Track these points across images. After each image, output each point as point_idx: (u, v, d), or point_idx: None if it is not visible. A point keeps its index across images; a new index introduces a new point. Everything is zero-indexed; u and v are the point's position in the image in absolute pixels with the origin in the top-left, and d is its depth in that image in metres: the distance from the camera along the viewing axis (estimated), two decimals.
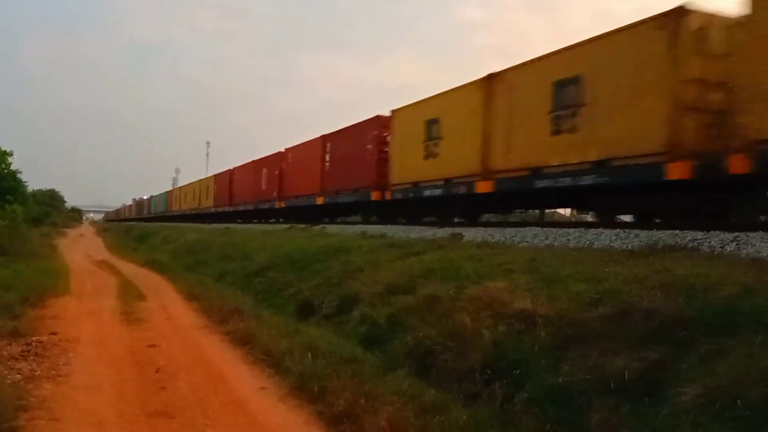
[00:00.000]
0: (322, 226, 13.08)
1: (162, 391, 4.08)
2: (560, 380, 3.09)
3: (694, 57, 6.05)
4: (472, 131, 9.15)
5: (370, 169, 12.24)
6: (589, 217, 9.77)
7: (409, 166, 10.93)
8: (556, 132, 7.53)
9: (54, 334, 5.72)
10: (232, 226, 19.28)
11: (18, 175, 21.86)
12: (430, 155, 10.31)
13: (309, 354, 4.42)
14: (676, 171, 5.97)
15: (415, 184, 10.73)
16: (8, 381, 4.05)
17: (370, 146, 12.50)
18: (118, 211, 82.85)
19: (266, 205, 18.91)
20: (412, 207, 11.41)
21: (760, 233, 4.96)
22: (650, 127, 6.29)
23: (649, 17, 6.43)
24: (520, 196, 8.82)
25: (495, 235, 7.60)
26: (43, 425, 3.39)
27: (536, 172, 7.90)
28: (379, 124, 12.32)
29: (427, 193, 10.33)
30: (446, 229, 9.07)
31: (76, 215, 73.28)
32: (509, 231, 7.73)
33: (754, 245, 4.70)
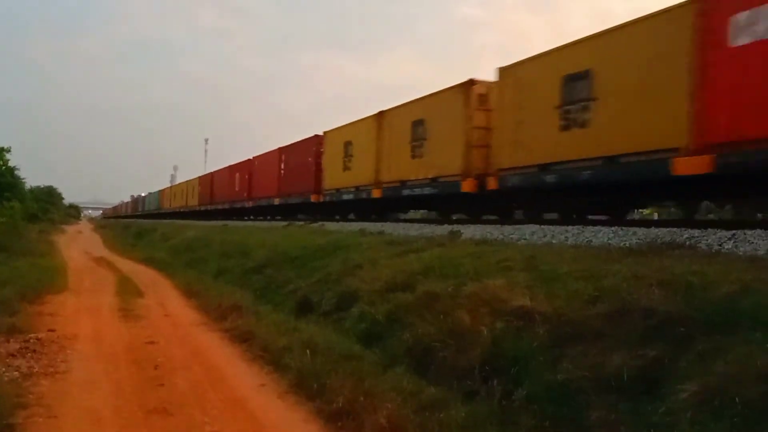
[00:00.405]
0: (320, 223, 13.39)
1: (160, 388, 4.07)
2: (559, 378, 3.08)
3: (478, 112, 9.30)
4: (370, 152, 12.37)
5: (310, 177, 15.33)
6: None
7: (334, 175, 14.12)
8: (413, 156, 10.90)
9: (52, 330, 5.71)
10: (229, 223, 19.82)
11: (16, 172, 21.82)
12: (346, 168, 13.55)
13: (308, 351, 4.41)
14: (467, 186, 9.29)
15: (338, 190, 13.90)
16: (6, 378, 4.05)
17: (310, 159, 15.58)
18: (115, 208, 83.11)
19: (239, 205, 21.87)
20: (337, 207, 14.58)
21: (758, 231, 4.98)
22: (456, 157, 9.53)
23: (455, 84, 9.70)
24: (397, 200, 11.92)
25: (494, 232, 7.61)
26: (41, 422, 3.38)
27: (403, 184, 11.23)
28: (316, 141, 15.39)
29: (344, 197, 13.56)
30: (445, 226, 9.09)
31: (74, 212, 73.10)
32: (508, 228, 7.74)
33: (752, 243, 4.71)
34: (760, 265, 3.78)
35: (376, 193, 11.99)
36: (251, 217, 21.12)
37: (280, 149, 17.86)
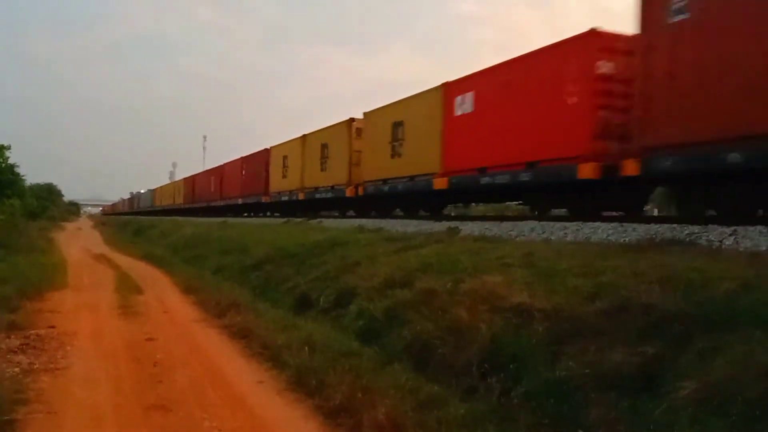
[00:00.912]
0: (319, 220, 13.75)
1: (159, 384, 4.07)
2: (558, 375, 3.07)
3: (356, 140, 13.68)
4: (297, 165, 16.93)
5: (261, 182, 19.78)
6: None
7: (277, 181, 18.71)
8: (321, 170, 15.35)
9: (52, 327, 5.71)
10: (229, 219, 20.25)
11: (16, 169, 21.71)
12: (284, 176, 18.01)
13: (306, 348, 4.41)
14: (349, 192, 13.58)
15: (278, 193, 18.43)
16: (7, 374, 4.04)
17: (262, 167, 19.97)
18: (113, 205, 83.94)
19: (213, 203, 26.37)
20: (278, 206, 19.08)
21: (759, 227, 4.96)
22: (343, 171, 13.96)
23: (343, 120, 14.13)
24: (313, 201, 16.06)
25: (492, 229, 7.60)
26: (41, 418, 3.38)
27: (316, 190, 15.51)
28: (266, 153, 19.95)
29: (282, 198, 18.11)
30: (443, 222, 9.09)
31: (74, 209, 73.14)
32: (506, 225, 7.74)
33: (753, 239, 4.70)
34: (760, 261, 3.77)
35: (301, 196, 16.44)
36: (232, 214, 24.46)
37: (242, 158, 22.44)
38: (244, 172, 21.89)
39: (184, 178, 34.76)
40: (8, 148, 20.09)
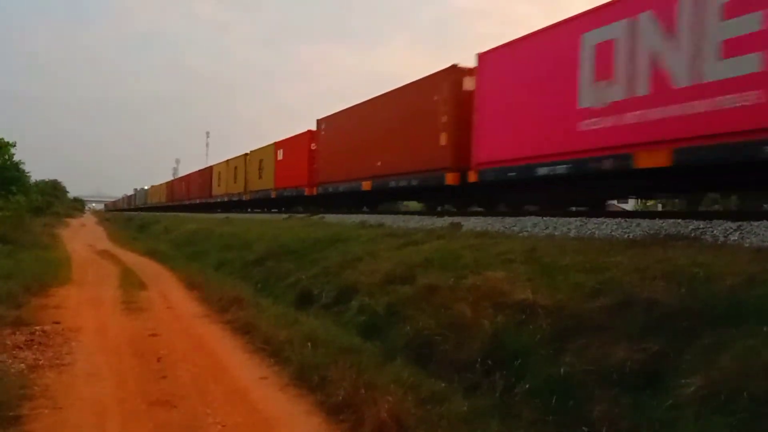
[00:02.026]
0: (320, 216, 13.69)
1: (163, 380, 4.09)
2: (561, 371, 3.06)
3: (248, 165, 23.40)
4: (225, 178, 26.63)
5: (208, 188, 29.40)
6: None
7: (217, 188, 27.89)
8: (235, 182, 24.95)
9: (57, 323, 5.74)
10: (231, 215, 20.93)
11: (21, 166, 21.87)
12: (218, 185, 27.32)
13: (309, 344, 4.42)
14: (245, 197, 23.67)
15: (216, 196, 27.66)
16: (12, 370, 4.07)
17: (209, 178, 29.41)
18: (116, 202, 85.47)
19: (184, 202, 35.51)
20: (217, 205, 28.08)
21: (765, 222, 4.91)
22: (242, 184, 23.93)
23: (240, 155, 24.50)
24: (235, 202, 25.38)
25: (494, 224, 7.57)
26: (47, 414, 3.41)
27: (232, 195, 25.63)
28: (211, 169, 29.76)
29: (218, 200, 27.36)
30: (445, 218, 9.06)
31: (78, 205, 73.58)
32: (509, 220, 7.70)
33: (758, 234, 4.65)
34: (766, 256, 3.73)
35: (226, 199, 25.84)
36: (196, 211, 32.23)
37: (200, 171, 33.03)
38: (200, 180, 31.42)
39: (166, 182, 45.84)
40: (14, 145, 20.24)
